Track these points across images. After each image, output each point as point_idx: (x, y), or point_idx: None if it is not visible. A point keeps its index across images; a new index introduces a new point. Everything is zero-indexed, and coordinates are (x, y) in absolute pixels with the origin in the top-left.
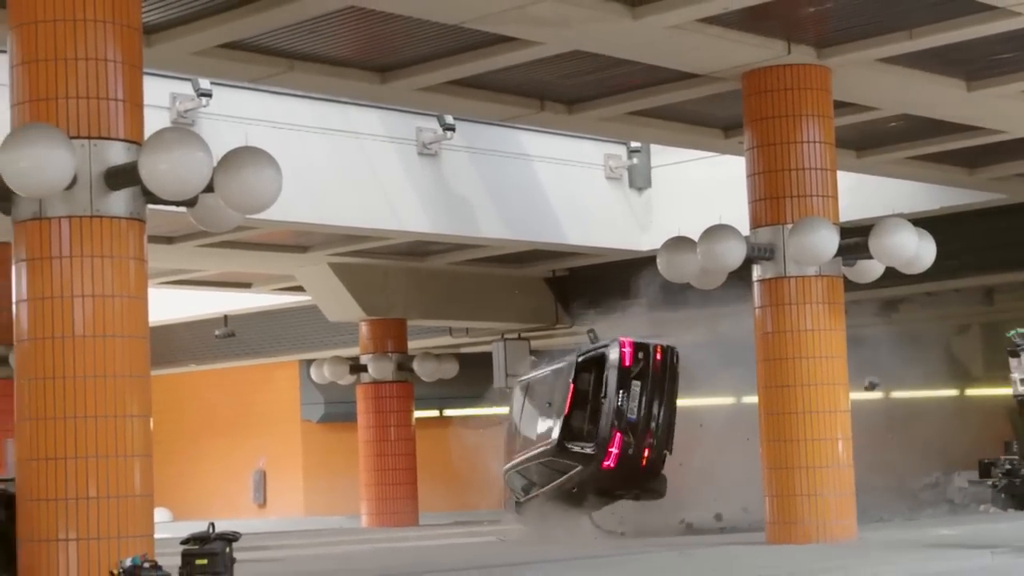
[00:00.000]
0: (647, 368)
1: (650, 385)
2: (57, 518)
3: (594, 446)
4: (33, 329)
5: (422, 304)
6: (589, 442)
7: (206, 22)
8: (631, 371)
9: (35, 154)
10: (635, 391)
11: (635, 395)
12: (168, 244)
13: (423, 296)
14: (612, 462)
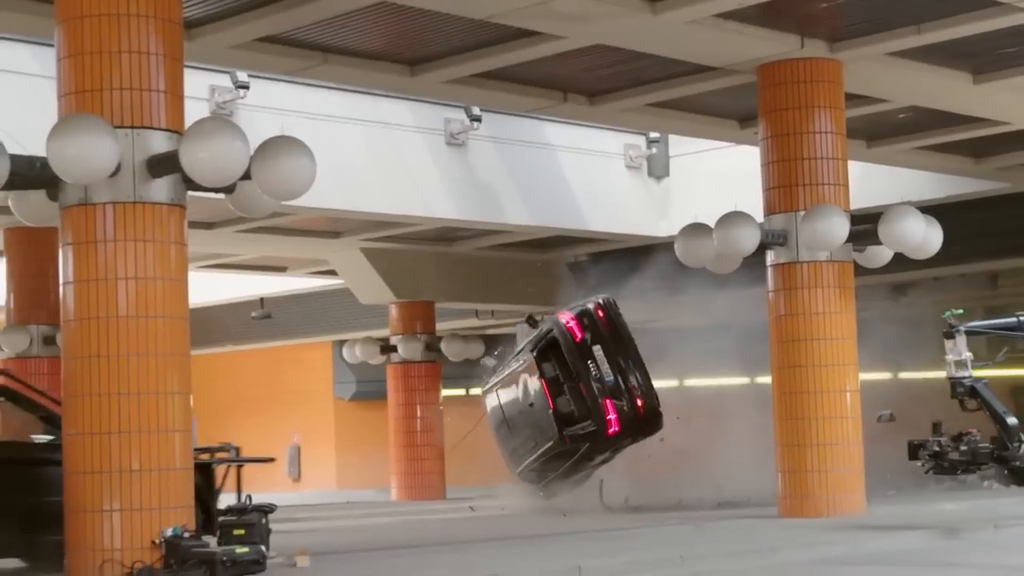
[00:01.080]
0: (598, 330)
1: (610, 345)
2: (102, 490)
3: (591, 422)
4: (79, 310)
5: (449, 287)
6: (585, 420)
7: (244, 17)
8: (586, 340)
9: (81, 143)
10: (600, 356)
11: (602, 360)
12: (207, 229)
13: (450, 280)
14: (616, 426)
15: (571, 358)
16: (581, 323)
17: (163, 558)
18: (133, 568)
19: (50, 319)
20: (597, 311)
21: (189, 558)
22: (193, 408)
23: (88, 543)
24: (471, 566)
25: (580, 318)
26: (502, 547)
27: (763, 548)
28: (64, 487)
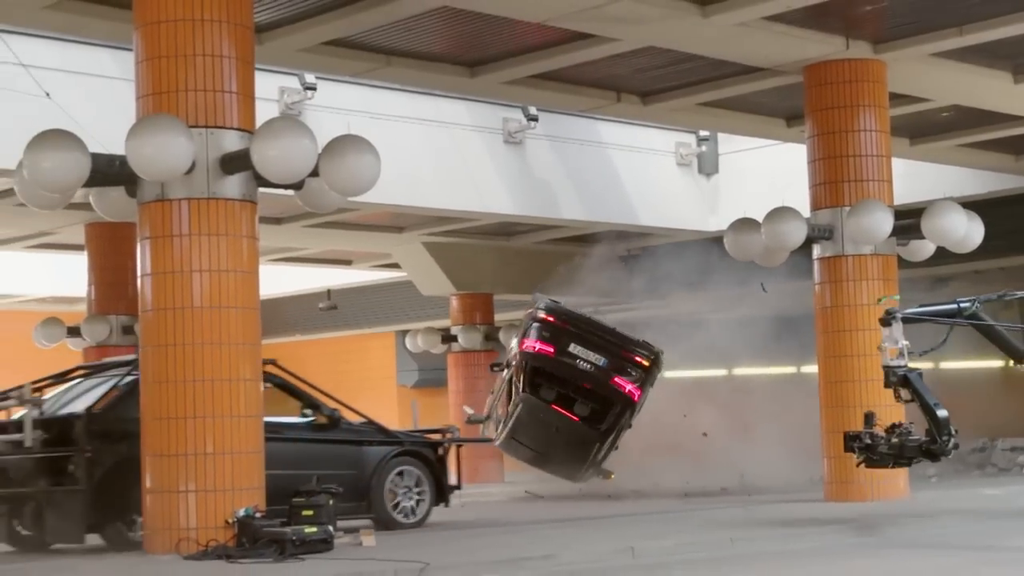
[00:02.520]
0: (562, 332)
1: (580, 335)
2: (178, 472)
3: (616, 405)
4: (156, 301)
5: (507, 279)
6: (612, 407)
7: (311, 21)
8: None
9: (158, 142)
10: (579, 350)
11: (583, 352)
12: (277, 224)
13: (508, 272)
14: (637, 393)
15: (559, 371)
16: (545, 339)
17: (236, 537)
18: (208, 546)
19: (129, 310)
20: (548, 320)
21: (260, 537)
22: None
23: (166, 522)
24: (526, 547)
25: (541, 336)
26: (556, 528)
27: (810, 530)
28: (143, 468)
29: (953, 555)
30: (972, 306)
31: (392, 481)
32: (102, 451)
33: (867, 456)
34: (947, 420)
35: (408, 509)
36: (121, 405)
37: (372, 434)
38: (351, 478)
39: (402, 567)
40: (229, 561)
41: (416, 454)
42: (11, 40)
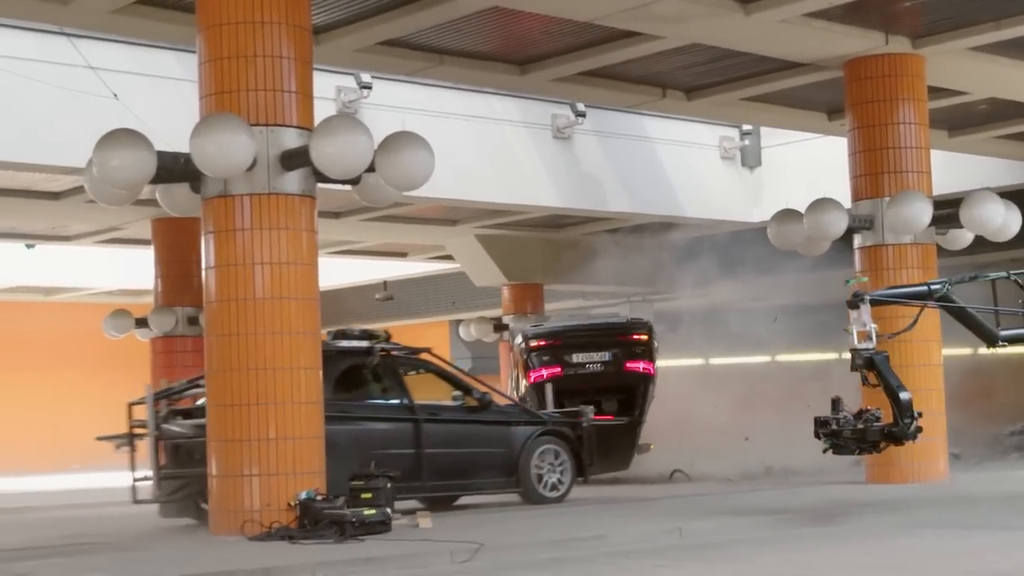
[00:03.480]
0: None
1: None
2: (242, 457)
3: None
4: (220, 292)
5: (557, 270)
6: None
7: (367, 23)
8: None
9: (221, 140)
10: (581, 357)
11: (587, 357)
12: (335, 218)
13: (558, 263)
14: (651, 367)
15: (575, 384)
16: (547, 363)
17: (298, 519)
18: (271, 528)
19: (194, 301)
20: (539, 345)
21: (321, 519)
22: None
23: (231, 505)
24: (578, 526)
25: (542, 362)
26: (607, 509)
27: (851, 512)
28: (209, 454)
29: (987, 535)
30: (943, 288)
31: (537, 458)
32: None
33: (833, 442)
34: (910, 403)
35: (551, 484)
36: None
37: (518, 415)
38: (501, 456)
39: (457, 547)
40: (292, 542)
41: (557, 433)
42: (81, 44)
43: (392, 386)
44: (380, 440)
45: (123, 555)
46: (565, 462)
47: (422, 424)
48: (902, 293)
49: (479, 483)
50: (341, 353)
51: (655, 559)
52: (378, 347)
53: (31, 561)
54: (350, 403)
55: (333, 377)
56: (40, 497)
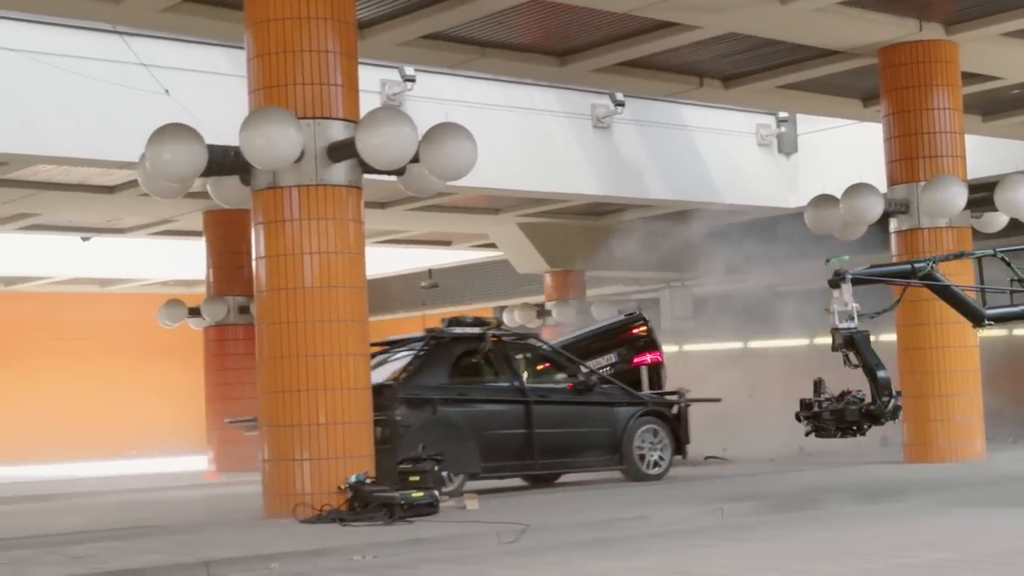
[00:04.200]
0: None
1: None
2: (294, 441)
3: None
4: (270, 281)
5: (598, 256)
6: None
7: (410, 17)
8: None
9: (269, 133)
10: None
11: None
12: (381, 208)
13: (598, 250)
14: (658, 354)
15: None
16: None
17: (348, 501)
18: (322, 510)
19: (244, 291)
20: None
21: (371, 502)
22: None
23: (283, 488)
24: (622, 508)
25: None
26: (650, 489)
27: (890, 491)
28: (261, 439)
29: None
30: (927, 266)
31: (639, 437)
32: (408, 415)
33: (813, 424)
34: (888, 381)
35: (652, 461)
36: (419, 374)
37: (621, 396)
38: (606, 435)
39: (504, 528)
40: (342, 524)
41: (656, 413)
42: (133, 41)
43: (503, 370)
44: (494, 421)
45: (179, 538)
46: (664, 440)
47: (532, 406)
48: (885, 272)
49: (585, 461)
50: (455, 340)
51: (697, 539)
52: (489, 333)
53: (90, 544)
54: (465, 386)
55: (449, 362)
56: (98, 482)
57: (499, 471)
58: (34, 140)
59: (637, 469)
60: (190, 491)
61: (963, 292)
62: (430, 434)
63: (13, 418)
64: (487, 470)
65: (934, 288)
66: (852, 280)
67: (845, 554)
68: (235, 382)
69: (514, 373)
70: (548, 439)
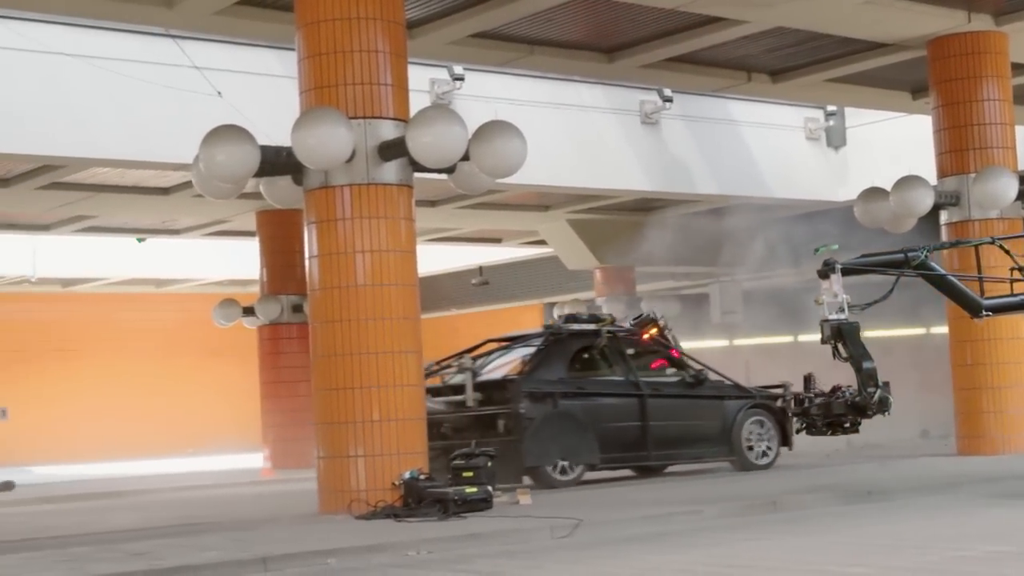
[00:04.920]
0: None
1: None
2: (348, 438)
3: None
4: (323, 280)
5: (647, 252)
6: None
7: (459, 16)
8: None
9: (321, 133)
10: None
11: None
12: (431, 207)
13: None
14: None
15: None
16: None
17: (402, 498)
18: (376, 507)
19: (298, 289)
20: None
21: (425, 497)
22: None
23: (338, 485)
24: (675, 500)
25: None
26: (704, 481)
27: (943, 483)
28: (316, 436)
29: None
30: (921, 254)
31: (747, 429)
32: (531, 408)
33: (803, 421)
34: (873, 371)
35: (760, 452)
36: (540, 369)
37: (730, 390)
38: (716, 427)
39: (557, 523)
40: (397, 520)
41: (763, 406)
42: (185, 44)
43: (618, 364)
44: (610, 414)
45: (236, 534)
46: (771, 432)
47: (647, 399)
48: (877, 261)
49: (696, 452)
50: (572, 335)
51: (750, 533)
52: (605, 329)
53: (148, 541)
54: (583, 380)
55: (567, 357)
56: (156, 480)
57: (615, 462)
58: (90, 143)
59: (746, 459)
60: (246, 488)
61: (960, 282)
62: (551, 426)
63: (71, 417)
64: (604, 461)
65: (929, 278)
66: (843, 270)
67: (900, 547)
68: (289, 380)
69: (628, 367)
70: (662, 431)
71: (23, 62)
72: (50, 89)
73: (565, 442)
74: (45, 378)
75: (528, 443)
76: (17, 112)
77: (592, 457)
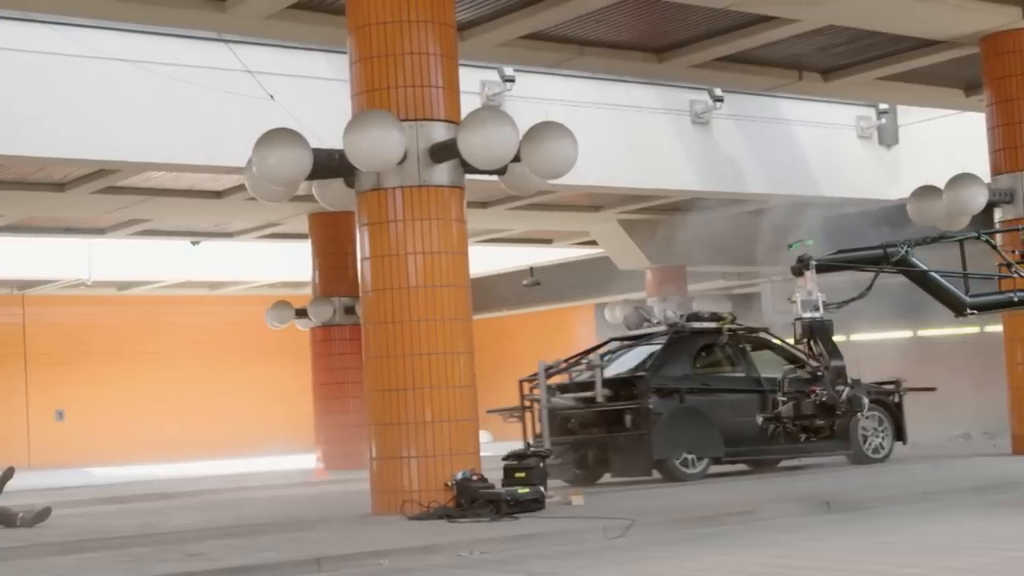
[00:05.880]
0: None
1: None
2: (401, 439)
3: None
4: (376, 282)
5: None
6: None
7: (509, 17)
8: None
9: (373, 135)
10: None
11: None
12: (483, 208)
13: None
14: None
15: None
16: None
17: (455, 498)
18: (429, 507)
19: (350, 291)
20: None
21: (478, 498)
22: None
23: (391, 485)
24: (728, 501)
25: None
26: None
27: (999, 483)
28: (369, 437)
29: None
30: (901, 250)
31: (863, 424)
32: (659, 403)
33: (775, 426)
34: (841, 370)
35: (876, 446)
36: (665, 366)
37: None
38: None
39: (610, 523)
40: (450, 521)
41: (879, 402)
42: (238, 49)
43: (739, 361)
44: (733, 409)
45: (291, 535)
46: (886, 427)
47: (768, 394)
48: (854, 257)
49: (815, 447)
50: (695, 333)
51: (804, 533)
52: (726, 327)
53: (205, 542)
54: (706, 376)
55: (691, 354)
56: (211, 481)
57: (739, 456)
58: (144, 148)
59: (862, 453)
60: (300, 489)
61: (943, 279)
62: (678, 421)
63: (128, 419)
64: (728, 455)
65: (910, 275)
66: (818, 267)
67: (957, 547)
68: (342, 381)
69: (749, 364)
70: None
71: (79, 68)
72: (105, 94)
73: (691, 436)
74: (101, 380)
75: (656, 437)
76: (73, 118)
77: (717, 451)
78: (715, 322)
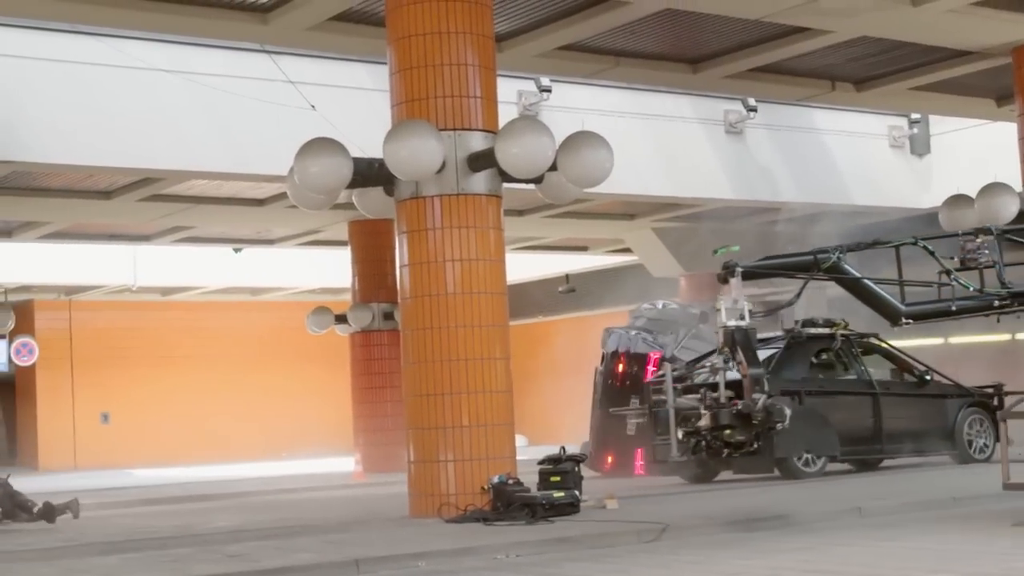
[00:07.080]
0: None
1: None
2: (438, 443)
3: None
4: (414, 288)
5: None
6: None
7: (546, 29)
8: None
9: (412, 145)
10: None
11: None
12: (519, 216)
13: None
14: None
15: None
16: None
17: (491, 502)
18: (466, 510)
19: (389, 298)
20: None
21: (513, 502)
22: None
23: (428, 489)
24: (761, 505)
25: None
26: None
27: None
28: (407, 441)
29: None
30: (832, 256)
31: (967, 425)
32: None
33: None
34: (758, 377)
35: (979, 447)
36: (785, 369)
37: (951, 389)
38: (940, 424)
39: (644, 527)
40: (486, 524)
41: (981, 404)
42: (280, 60)
43: (852, 365)
44: (848, 410)
45: (329, 537)
46: (988, 428)
47: (880, 397)
48: (782, 264)
49: (923, 447)
50: (810, 338)
51: (836, 538)
52: (839, 333)
53: (245, 543)
54: (822, 379)
55: (807, 358)
56: (251, 483)
57: (853, 455)
58: (188, 156)
59: (966, 454)
60: (339, 491)
61: (877, 287)
62: (797, 421)
63: (170, 422)
64: (844, 454)
65: (842, 282)
66: (744, 274)
67: (985, 554)
68: (381, 386)
69: (862, 368)
70: (894, 426)
71: (124, 79)
72: (150, 104)
73: (810, 436)
74: (145, 384)
75: (779, 437)
76: (119, 127)
77: (833, 450)
78: (829, 328)
